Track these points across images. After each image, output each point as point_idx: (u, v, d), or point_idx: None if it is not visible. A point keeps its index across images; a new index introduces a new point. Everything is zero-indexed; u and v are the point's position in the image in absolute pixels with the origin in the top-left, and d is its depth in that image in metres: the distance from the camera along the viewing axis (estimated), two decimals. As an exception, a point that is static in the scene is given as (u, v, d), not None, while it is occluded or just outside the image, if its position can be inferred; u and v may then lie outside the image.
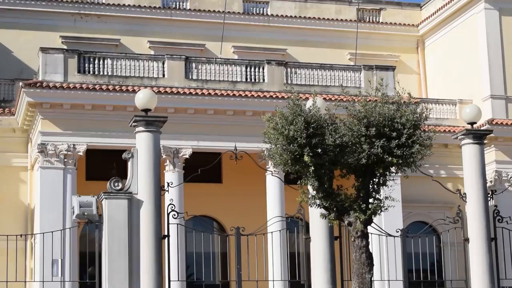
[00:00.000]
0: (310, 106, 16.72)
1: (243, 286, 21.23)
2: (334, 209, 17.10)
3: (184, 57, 29.78)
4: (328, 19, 37.00)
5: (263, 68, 29.84)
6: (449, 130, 28.95)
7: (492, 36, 33.29)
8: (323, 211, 17.47)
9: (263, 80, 29.56)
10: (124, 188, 19.20)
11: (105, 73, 28.40)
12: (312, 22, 36.71)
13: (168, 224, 19.87)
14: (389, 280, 23.93)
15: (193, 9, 35.83)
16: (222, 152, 25.31)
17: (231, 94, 28.65)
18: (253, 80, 29.57)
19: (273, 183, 27.50)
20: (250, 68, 29.86)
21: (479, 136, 22.04)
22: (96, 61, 28.63)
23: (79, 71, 28.15)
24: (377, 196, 17.17)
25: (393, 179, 18.15)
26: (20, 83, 28.14)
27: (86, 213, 20.07)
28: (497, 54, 33.09)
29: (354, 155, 16.43)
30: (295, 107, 16.48)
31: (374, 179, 17.08)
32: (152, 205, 18.99)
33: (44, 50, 28.58)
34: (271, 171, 25.57)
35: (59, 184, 27.16)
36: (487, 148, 24.63)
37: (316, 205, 17.32)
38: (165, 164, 26.91)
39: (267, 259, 25.84)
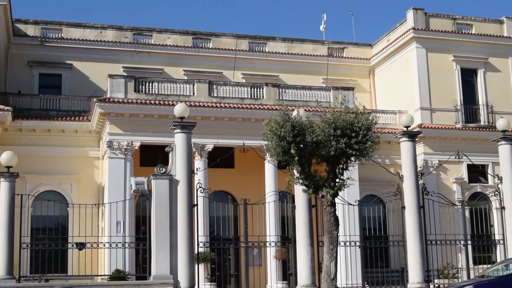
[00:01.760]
0: (295, 115, 16.75)
1: (249, 239, 21.18)
2: (312, 186, 17.14)
3: (208, 81, 29.77)
4: (307, 54, 36.97)
5: (262, 89, 29.81)
6: (391, 132, 29.02)
7: (421, 66, 33.20)
8: (304, 187, 17.51)
9: (263, 97, 29.53)
10: (167, 172, 19.41)
11: (153, 92, 28.41)
12: (296, 57, 36.71)
13: (197, 196, 19.98)
14: (349, 235, 23.86)
15: (214, 47, 35.81)
16: (234, 147, 25.45)
17: (240, 107, 28.65)
18: (255, 97, 29.52)
19: (269, 168, 27.48)
20: (254, 89, 29.84)
21: (412, 136, 22.11)
22: (147, 84, 28.65)
23: (135, 91, 28.16)
24: (341, 177, 17.17)
25: (352, 166, 18.14)
26: (94, 99, 28.18)
27: (140, 189, 20.40)
28: (424, 79, 33.01)
29: (325, 149, 16.43)
30: (284, 116, 16.54)
31: (339, 166, 17.09)
32: (186, 183, 19.12)
33: (111, 76, 28.64)
34: (268, 160, 25.83)
35: (121, 169, 27.17)
36: (417, 144, 24.65)
37: (299, 183, 17.36)
38: (195, 155, 26.88)
39: (265, 221, 25.73)
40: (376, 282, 23.80)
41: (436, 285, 21.68)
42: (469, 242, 24.32)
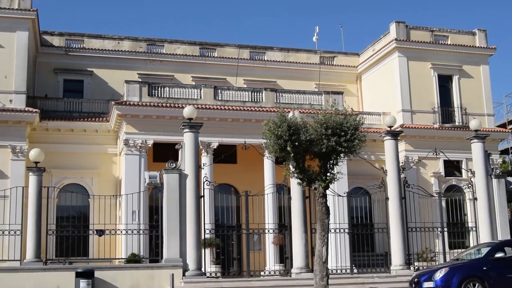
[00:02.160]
0: (291, 116, 16.67)
1: (250, 226, 21.16)
2: (306, 179, 17.03)
3: (213, 86, 29.69)
4: (301, 62, 36.77)
5: (261, 93, 29.70)
6: (376, 131, 28.67)
7: (402, 73, 33.12)
8: (298, 181, 17.40)
9: (262, 100, 29.41)
10: (177, 167, 19.46)
11: (165, 96, 28.33)
12: (292, 64, 36.52)
13: (203, 189, 20.07)
14: (339, 223, 23.82)
15: (219, 56, 35.66)
16: (237, 144, 25.50)
17: (242, 109, 28.54)
18: (255, 100, 29.40)
19: (268, 164, 27.41)
20: (254, 93, 29.72)
21: (394, 135, 22.17)
22: (159, 89, 28.55)
23: (148, 95, 28.08)
24: (332, 171, 17.08)
25: (341, 161, 18.11)
26: (112, 102, 28.11)
27: (153, 182, 20.45)
28: (405, 84, 32.91)
29: (318, 146, 16.34)
30: (281, 117, 16.44)
31: (330, 161, 16.98)
32: (194, 177, 19.21)
33: (127, 81, 28.55)
34: (267, 156, 25.60)
35: (136, 164, 27.11)
36: (399, 142, 24.57)
37: (295, 177, 17.27)
38: (201, 152, 26.81)
39: (264, 210, 25.67)
40: (363, 265, 23.72)
41: (416, 267, 21.62)
42: (445, 229, 24.35)
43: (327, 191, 17.08)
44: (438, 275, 15.47)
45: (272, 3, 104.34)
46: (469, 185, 24.85)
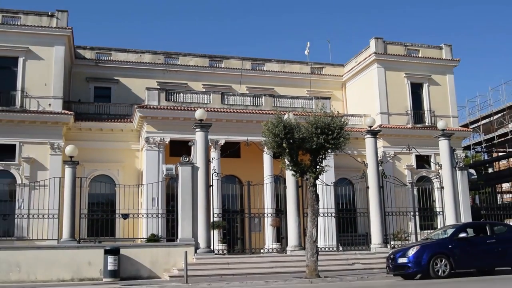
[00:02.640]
0: (286, 118, 16.67)
1: (251, 211, 21.15)
2: (299, 171, 17.12)
3: (220, 92, 29.61)
4: (295, 72, 36.68)
5: (261, 98, 29.63)
6: (358, 131, 28.61)
7: (381, 81, 33.05)
8: (292, 172, 17.49)
9: (262, 104, 29.35)
10: (189, 160, 19.45)
11: (179, 100, 28.25)
12: (287, 74, 36.42)
13: (212, 179, 20.01)
14: (327, 208, 23.84)
15: (225, 67, 35.54)
16: (240, 142, 25.37)
17: (245, 112, 28.50)
18: (256, 104, 29.34)
19: (267, 158, 27.36)
20: (255, 98, 29.64)
21: (374, 133, 22.13)
22: (175, 94, 28.48)
23: (166, 100, 28.03)
24: (321, 164, 17.12)
25: (329, 156, 18.15)
26: (135, 106, 28.12)
27: (169, 174, 20.43)
28: (383, 91, 32.82)
29: (309, 143, 16.42)
30: (278, 118, 16.48)
31: (319, 156, 17.06)
32: (204, 169, 19.16)
33: (148, 88, 28.56)
34: (266, 152, 25.45)
35: (155, 158, 27.07)
36: (378, 140, 24.52)
37: (289, 169, 17.33)
38: (210, 148, 26.75)
39: (263, 197, 25.64)
40: (347, 244, 23.74)
41: (392, 246, 21.62)
42: (417, 213, 24.43)
43: (317, 181, 17.17)
44: (411, 252, 15.44)
45: (271, 21, 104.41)
46: (437, 176, 24.86)
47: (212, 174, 20.28)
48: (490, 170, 44.85)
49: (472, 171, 42.46)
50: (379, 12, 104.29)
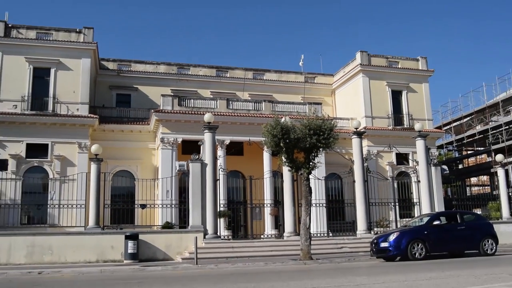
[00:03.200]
0: (283, 121, 16.63)
1: (253, 202, 21.09)
2: (294, 167, 17.09)
3: (226, 98, 29.56)
4: (291, 81, 36.55)
5: (261, 104, 29.55)
6: (346, 132, 28.56)
7: (365, 89, 32.95)
8: (289, 168, 17.47)
9: (262, 109, 29.26)
10: (199, 158, 19.37)
11: (190, 105, 28.20)
12: (284, 83, 36.31)
13: (219, 174, 19.96)
14: (318, 199, 23.80)
15: (230, 76, 35.47)
16: (243, 141, 25.31)
17: (247, 115, 28.43)
18: (257, 109, 29.28)
19: (266, 156, 27.34)
20: (256, 104, 29.57)
21: (359, 134, 22.06)
22: (186, 100, 28.42)
23: (178, 105, 27.97)
24: (313, 161, 17.08)
25: (320, 154, 18.09)
26: (152, 110, 28.10)
27: (182, 169, 20.51)
28: (367, 97, 32.73)
29: (303, 143, 16.39)
30: (276, 121, 16.45)
31: (312, 154, 17.01)
32: (212, 165, 19.11)
33: (163, 95, 28.47)
34: (265, 150, 25.47)
35: (169, 156, 27.04)
36: (363, 140, 24.49)
37: (286, 165, 17.28)
38: (217, 147, 26.76)
39: (264, 190, 25.60)
40: (336, 230, 23.74)
41: (375, 232, 21.58)
42: (397, 203, 24.32)
43: (310, 176, 17.11)
44: (392, 237, 15.41)
45: (270, 37, 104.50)
46: (414, 171, 24.84)
47: (219, 169, 20.26)
48: (460, 166, 44.85)
49: (444, 167, 42.37)
50: (365, 27, 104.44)
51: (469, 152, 44.29)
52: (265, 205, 24.55)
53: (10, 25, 28.23)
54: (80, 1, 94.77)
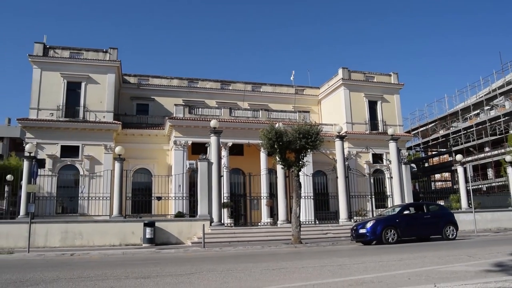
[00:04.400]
0: (277, 126, 16.60)
1: (252, 195, 21.00)
2: (286, 166, 17.01)
3: (229, 107, 29.50)
4: (283, 92, 36.39)
5: (259, 112, 29.48)
6: (330, 135, 28.59)
7: (346, 100, 32.83)
8: (282, 166, 17.38)
9: (259, 116, 29.19)
10: (206, 157, 19.27)
11: (199, 113, 28.14)
12: (278, 94, 36.13)
13: (223, 171, 19.86)
14: (307, 192, 23.78)
15: (232, 89, 35.39)
16: (243, 143, 25.22)
17: (247, 122, 28.38)
18: (255, 117, 29.23)
19: (263, 156, 27.29)
20: (254, 112, 29.49)
21: (341, 138, 22.03)
22: (195, 109, 28.34)
23: (189, 113, 27.88)
24: (303, 160, 17.05)
25: (309, 154, 18.05)
26: (166, 118, 28.01)
27: (191, 167, 20.40)
28: (348, 107, 32.78)
29: (294, 145, 16.35)
30: (271, 127, 16.41)
31: (302, 154, 16.97)
32: (217, 164, 19.04)
33: (176, 105, 28.40)
34: (262, 151, 25.44)
35: (181, 156, 26.93)
36: (344, 142, 24.45)
37: (279, 164, 17.24)
38: (222, 148, 26.76)
39: (261, 185, 25.50)
40: (322, 218, 23.69)
41: (355, 220, 21.56)
42: (373, 196, 24.32)
43: (299, 173, 17.15)
44: (369, 225, 15.39)
45: (267, 55, 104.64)
46: (388, 169, 24.84)
47: (223, 167, 20.26)
48: (426, 165, 44.90)
49: (413, 165, 42.42)
50: (346, 48, 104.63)
51: (433, 152, 44.39)
52: (262, 198, 24.50)
53: (48, 46, 28.21)
54: (107, 24, 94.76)
